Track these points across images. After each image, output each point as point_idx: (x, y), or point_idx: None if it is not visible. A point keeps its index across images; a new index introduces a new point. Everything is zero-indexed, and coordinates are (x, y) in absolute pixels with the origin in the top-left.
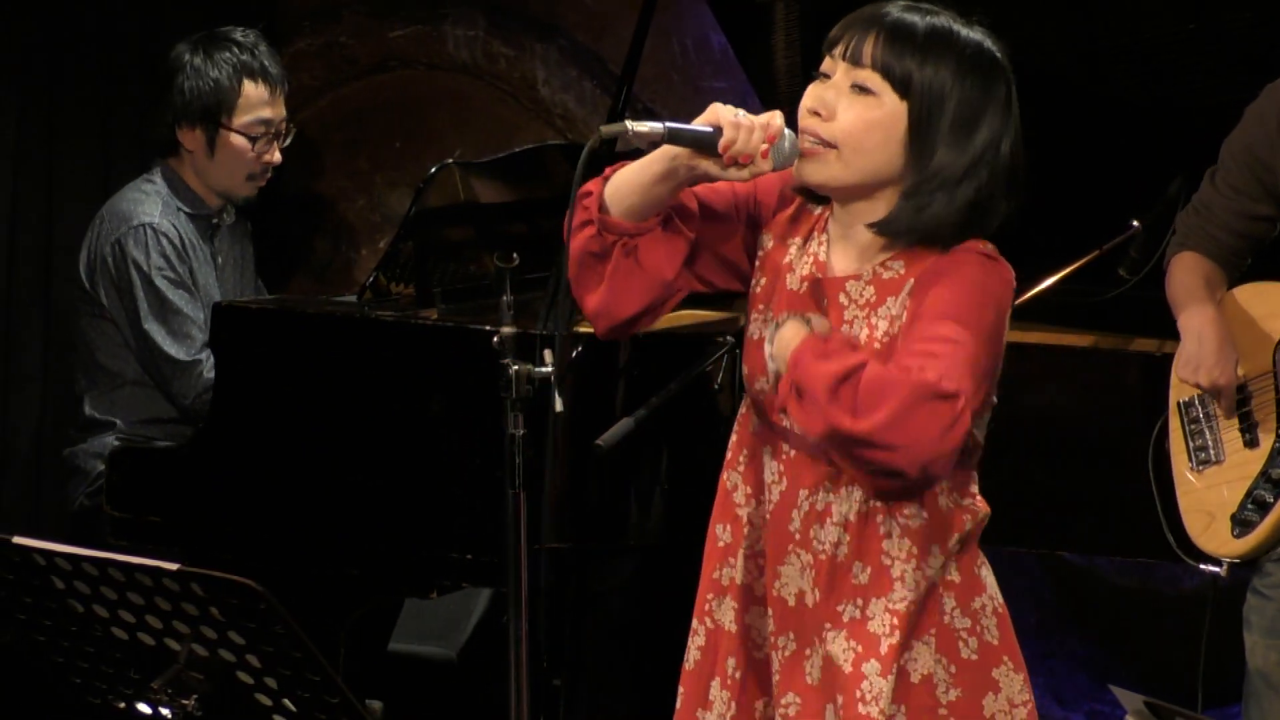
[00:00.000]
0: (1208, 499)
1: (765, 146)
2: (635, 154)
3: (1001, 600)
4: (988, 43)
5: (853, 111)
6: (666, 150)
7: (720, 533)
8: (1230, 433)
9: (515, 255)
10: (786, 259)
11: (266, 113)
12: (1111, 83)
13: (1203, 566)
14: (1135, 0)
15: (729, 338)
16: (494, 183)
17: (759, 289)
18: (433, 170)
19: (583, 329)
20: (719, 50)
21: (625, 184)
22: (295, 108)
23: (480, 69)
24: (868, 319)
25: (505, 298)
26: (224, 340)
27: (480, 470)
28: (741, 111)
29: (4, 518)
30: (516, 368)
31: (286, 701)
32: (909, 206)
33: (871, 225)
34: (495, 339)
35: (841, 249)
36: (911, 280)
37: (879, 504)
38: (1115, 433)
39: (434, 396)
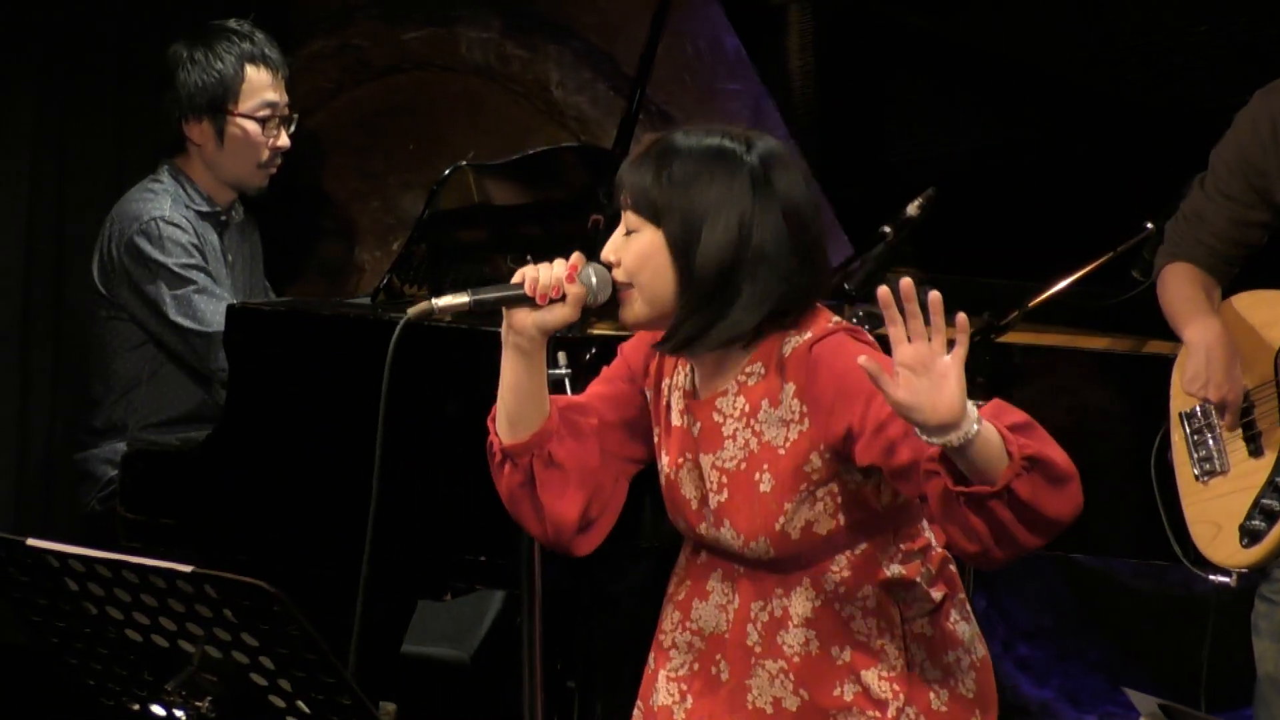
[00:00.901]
0: (1214, 509)
1: (569, 273)
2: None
3: (982, 654)
4: (730, 141)
5: (630, 249)
6: (504, 328)
7: (650, 660)
8: (1234, 442)
9: (529, 257)
10: (664, 401)
11: (271, 95)
12: (1124, 84)
13: (1212, 577)
14: (1148, 1)
15: None
16: (507, 184)
17: (656, 438)
18: (446, 172)
19: (596, 331)
20: (733, 52)
21: (503, 404)
22: (309, 110)
23: (494, 71)
24: (750, 426)
25: None
26: (237, 341)
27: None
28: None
29: (18, 521)
30: None
31: (300, 703)
32: (688, 319)
33: (659, 345)
34: None
35: (700, 374)
36: (791, 385)
37: (832, 593)
38: (1129, 434)
39: (447, 398)
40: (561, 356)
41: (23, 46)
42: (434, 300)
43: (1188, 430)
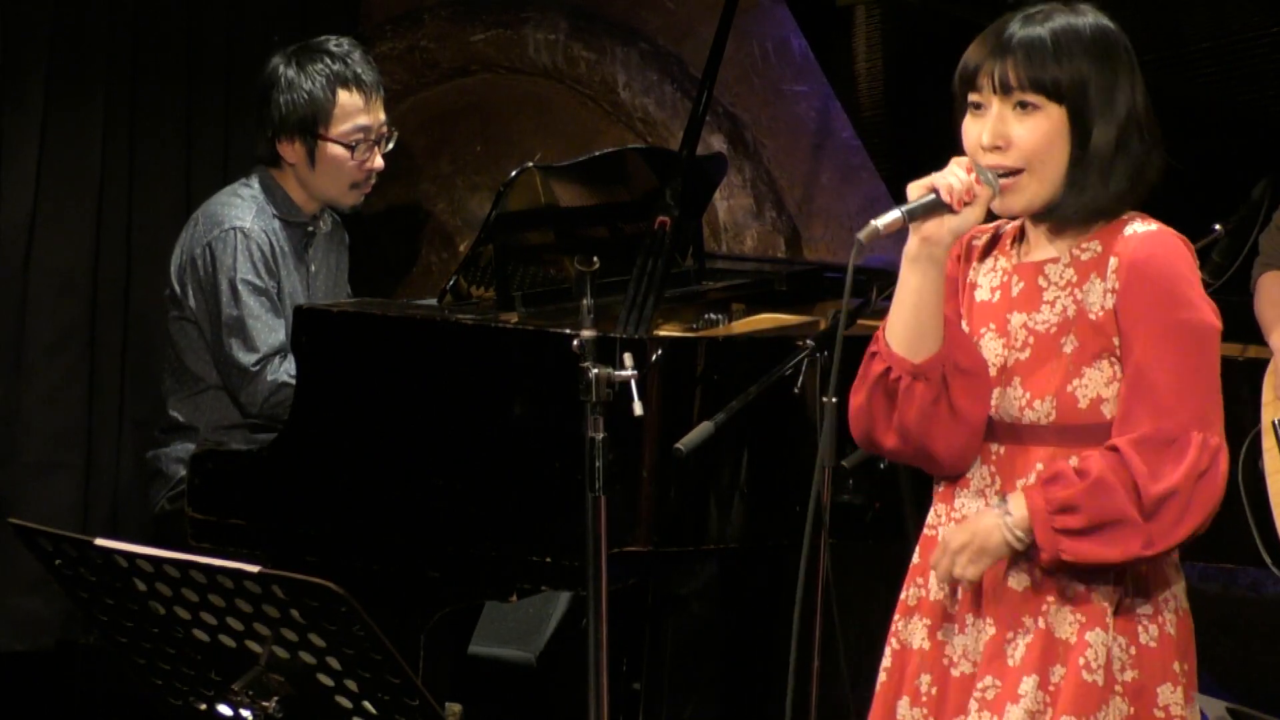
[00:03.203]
0: None
1: (973, 177)
2: None
3: (1186, 606)
4: (1100, 20)
5: (1026, 131)
6: (914, 244)
7: (915, 557)
8: None
9: (595, 259)
10: (968, 278)
11: (364, 120)
12: (1196, 84)
13: None
14: (1217, 2)
15: (809, 341)
16: (574, 186)
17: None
18: (513, 174)
19: (661, 332)
20: (799, 53)
21: (908, 324)
22: None
23: (561, 72)
24: (1071, 294)
25: (585, 301)
26: (304, 343)
27: (560, 473)
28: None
29: (86, 521)
30: (596, 371)
31: (366, 704)
32: (1075, 190)
33: (1048, 215)
34: (575, 342)
35: (1033, 238)
36: (1117, 260)
37: None
38: None
39: (514, 400)
40: (627, 358)
41: (92, 49)
42: (875, 221)
43: None
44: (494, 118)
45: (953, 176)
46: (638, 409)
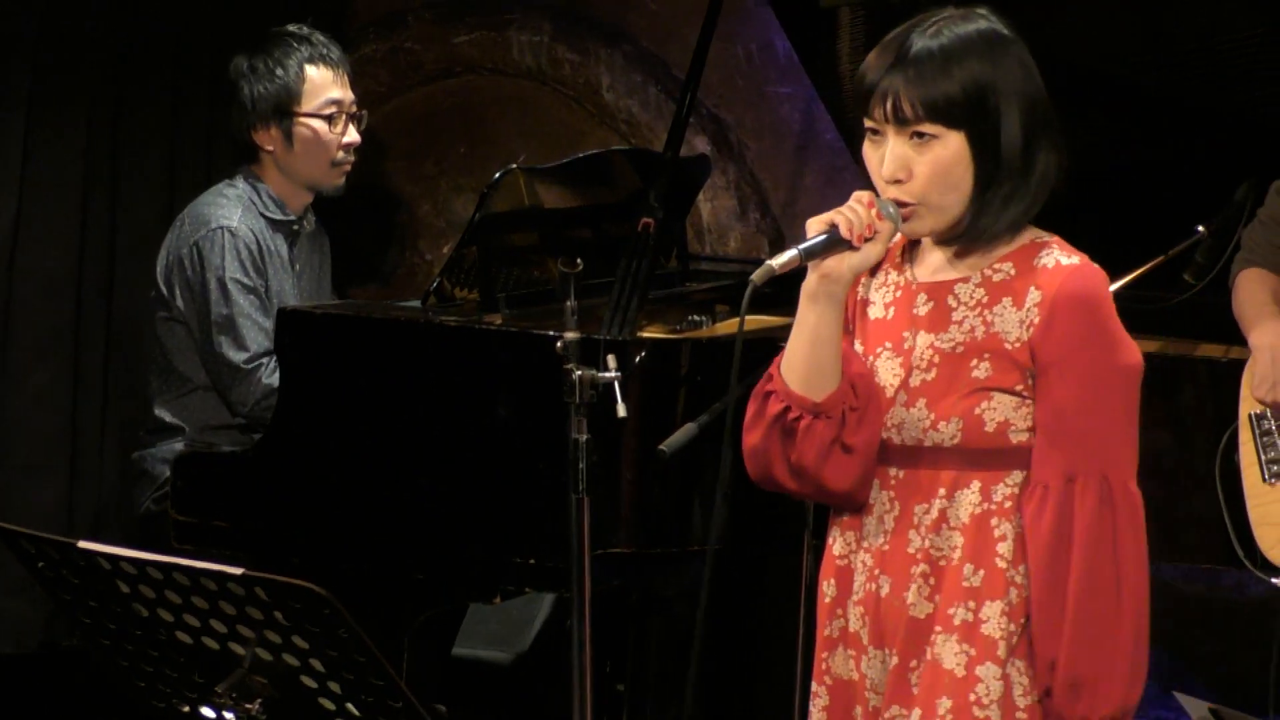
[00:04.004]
0: None
1: (874, 212)
2: None
3: None
4: (992, 23)
5: (926, 165)
6: (813, 280)
7: (826, 589)
8: None
9: (579, 261)
10: (858, 295)
11: (335, 93)
12: (1178, 87)
13: (1275, 580)
14: (1205, 4)
15: None
16: (558, 188)
17: (849, 329)
18: (497, 175)
19: (645, 334)
20: (784, 55)
21: (808, 360)
22: None
23: (545, 74)
24: (982, 315)
25: (569, 303)
26: (287, 345)
27: (543, 475)
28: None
29: (70, 522)
30: (580, 373)
31: (350, 706)
32: (984, 211)
33: (957, 237)
34: (559, 344)
35: (943, 258)
36: (1040, 294)
37: (993, 507)
38: (1181, 439)
39: (498, 402)
40: (611, 359)
41: (76, 51)
42: (770, 260)
43: (1257, 432)
44: (478, 119)
45: (850, 213)
46: (621, 410)
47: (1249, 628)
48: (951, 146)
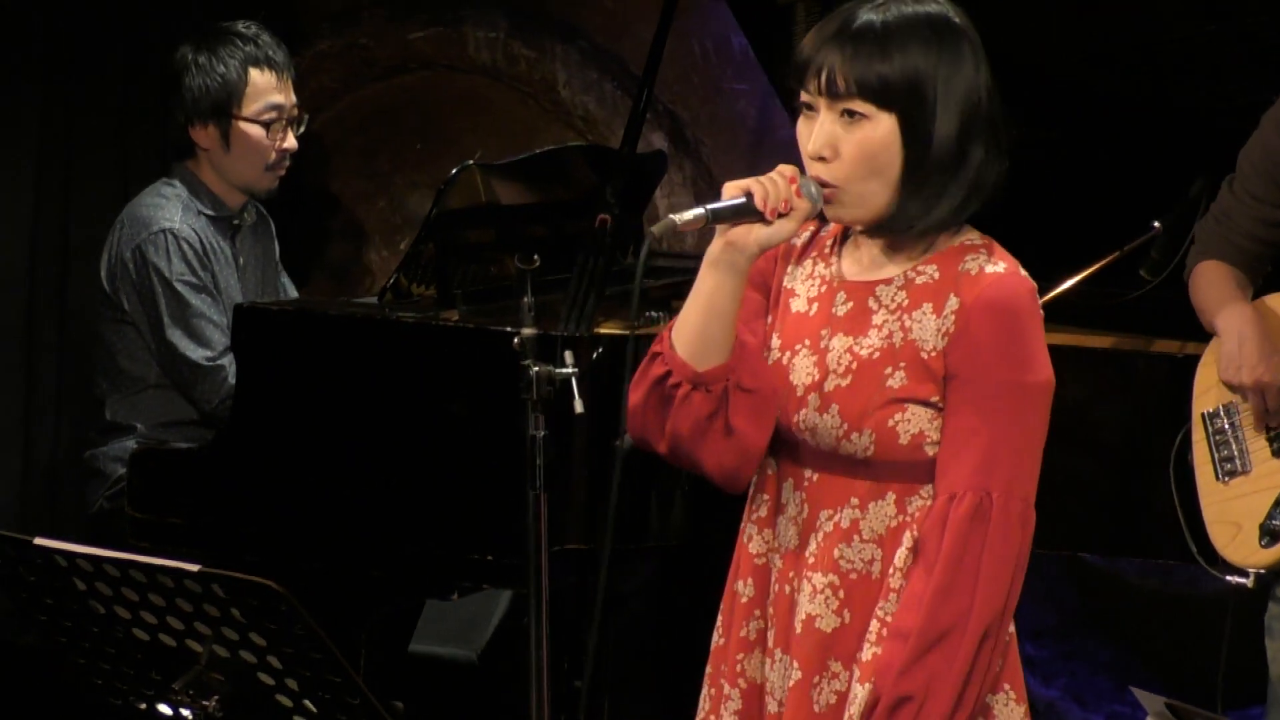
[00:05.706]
0: (1234, 509)
1: (794, 188)
2: None
3: (1010, 629)
4: (944, 9)
5: (854, 144)
6: (717, 246)
7: (741, 589)
8: (1257, 442)
9: (536, 257)
10: (782, 285)
11: (277, 98)
12: (1132, 84)
13: (1229, 578)
14: (1156, 1)
15: None
16: (515, 184)
17: (769, 322)
18: (453, 171)
19: (602, 330)
20: (739, 51)
21: (697, 329)
22: (315, 109)
23: (500, 71)
24: (900, 321)
25: (526, 299)
26: (244, 341)
27: (501, 471)
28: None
29: (24, 520)
30: (537, 369)
31: (307, 703)
32: (910, 202)
33: (882, 229)
34: (516, 340)
35: (866, 257)
36: (958, 301)
37: (908, 519)
38: (1137, 434)
39: (455, 398)
40: (568, 355)
41: (27, 48)
42: (673, 216)
43: (1210, 430)
44: (433, 116)
45: (770, 183)
46: (579, 406)
47: (1204, 623)
48: (881, 129)
